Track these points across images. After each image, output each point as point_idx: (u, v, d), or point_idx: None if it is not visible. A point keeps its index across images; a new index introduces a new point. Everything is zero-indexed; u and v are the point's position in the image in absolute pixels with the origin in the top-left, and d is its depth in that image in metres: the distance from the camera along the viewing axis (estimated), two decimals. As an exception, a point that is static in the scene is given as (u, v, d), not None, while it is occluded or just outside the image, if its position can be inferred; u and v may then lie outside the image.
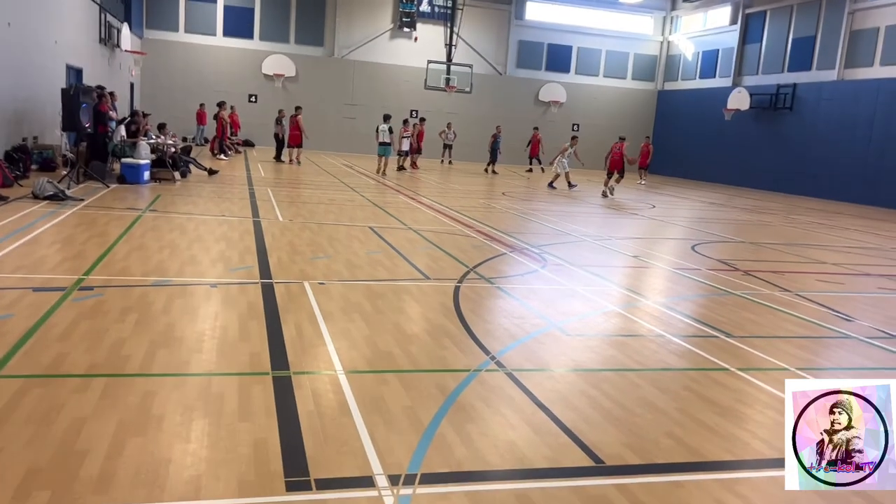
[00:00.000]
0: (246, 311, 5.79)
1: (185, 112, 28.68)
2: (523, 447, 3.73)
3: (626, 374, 5.04)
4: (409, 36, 32.67)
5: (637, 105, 36.13)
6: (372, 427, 3.79)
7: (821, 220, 18.28)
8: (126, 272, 6.82)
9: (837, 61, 26.01)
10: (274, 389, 4.21)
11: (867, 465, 2.31)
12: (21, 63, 14.86)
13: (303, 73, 31.80)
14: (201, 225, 9.84)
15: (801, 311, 7.43)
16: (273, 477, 3.21)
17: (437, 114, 32.04)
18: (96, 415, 3.68)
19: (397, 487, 3.21)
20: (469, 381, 4.61)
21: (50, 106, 16.06)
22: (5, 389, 3.90)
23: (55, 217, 9.50)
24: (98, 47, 21.71)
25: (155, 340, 4.91)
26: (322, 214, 11.94)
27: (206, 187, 14.51)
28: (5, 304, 5.48)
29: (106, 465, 3.18)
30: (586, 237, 11.77)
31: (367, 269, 7.83)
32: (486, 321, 6.17)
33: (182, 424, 3.66)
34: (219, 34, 30.98)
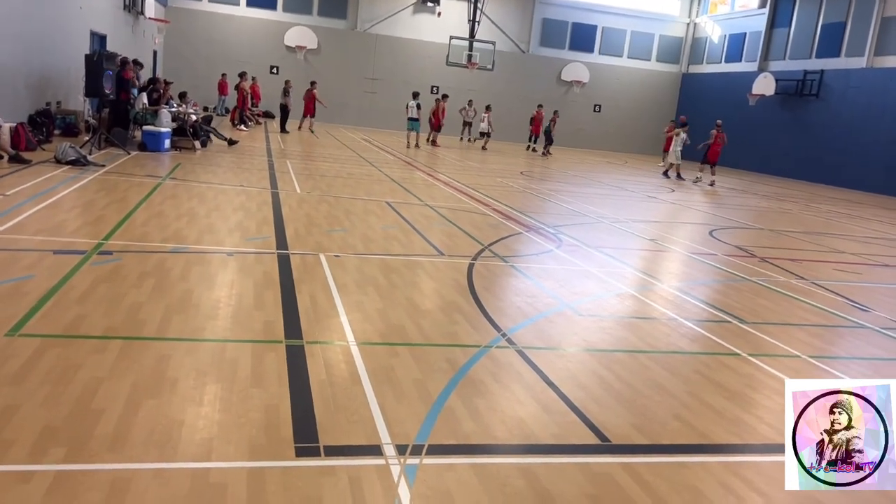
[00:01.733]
0: (261, 280, 5.85)
1: (206, 81, 28.74)
2: (531, 423, 3.76)
3: (636, 355, 5.05)
4: (432, 11, 32.41)
5: (661, 88, 35.72)
6: (382, 397, 3.84)
7: (842, 209, 18.06)
8: (145, 238, 6.89)
9: (867, 48, 25.50)
10: (287, 357, 4.27)
11: (867, 465, 2.31)
12: (46, 28, 14.94)
13: (325, 46, 31.69)
14: (220, 194, 9.91)
15: (817, 299, 7.39)
16: (283, 442, 3.27)
17: (458, 90, 31.87)
18: (112, 376, 3.75)
19: (404, 457, 3.25)
20: (479, 356, 4.65)
21: (73, 71, 16.15)
22: (25, 348, 3.98)
23: (76, 182, 9.61)
24: (122, 14, 21.76)
25: (171, 306, 4.98)
26: (339, 188, 11.97)
27: (225, 157, 14.58)
28: (26, 266, 5.58)
29: (120, 425, 3.25)
30: (603, 219, 11.73)
31: (383, 244, 7.86)
32: (498, 299, 6.19)
33: (195, 388, 3.72)
34: (242, 4, 30.91)
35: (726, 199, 17.72)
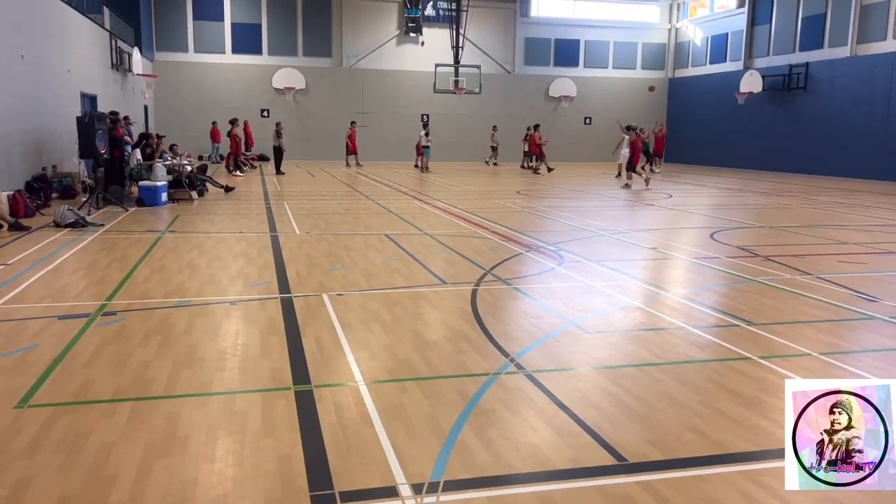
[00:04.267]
0: (266, 327, 5.85)
1: (199, 131, 29.04)
2: (545, 449, 3.74)
3: (646, 369, 5.03)
4: (415, 41, 32.78)
5: (649, 95, 35.91)
6: (394, 436, 3.82)
7: (841, 199, 18.05)
8: (147, 295, 6.92)
9: (849, 37, 25.68)
10: (296, 404, 4.26)
11: (867, 465, 2.30)
12: (36, 94, 15.14)
13: (312, 85, 32.03)
14: (220, 243, 9.95)
15: (824, 294, 7.36)
16: (298, 492, 3.25)
17: (447, 116, 32.13)
18: (124, 439, 3.75)
19: (421, 496, 3.23)
20: (489, 384, 4.63)
21: (66, 134, 16.33)
22: (35, 419, 3.98)
23: (77, 244, 9.67)
24: (110, 73, 22.04)
25: (178, 361, 4.98)
26: (338, 224, 12.02)
27: (223, 205, 14.67)
28: (31, 335, 5.59)
29: (135, 489, 3.24)
30: (603, 231, 11.74)
31: (384, 278, 7.88)
32: (504, 323, 6.19)
33: (207, 444, 3.71)
34: (228, 52, 31.32)
35: (724, 200, 17.72)
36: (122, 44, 23.32)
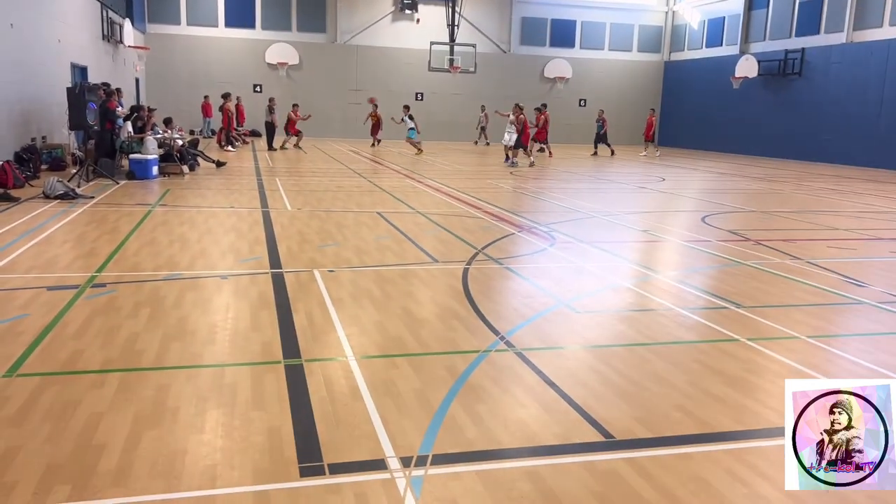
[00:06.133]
0: (257, 301, 5.85)
1: (190, 105, 28.75)
2: (533, 425, 3.77)
3: (635, 349, 5.06)
4: (410, 18, 32.46)
5: (644, 77, 35.82)
6: (383, 410, 3.84)
7: (833, 185, 18.12)
8: (138, 267, 6.89)
9: (846, 23, 25.62)
10: (286, 377, 4.27)
11: (867, 465, 2.31)
12: (26, 63, 14.94)
13: (306, 61, 31.72)
14: (211, 217, 9.90)
15: (813, 278, 7.40)
16: (287, 463, 3.27)
17: (441, 95, 31.96)
18: (112, 409, 3.75)
19: (409, 469, 3.25)
20: (479, 361, 4.65)
21: (56, 105, 16.13)
22: (24, 388, 3.97)
23: (66, 216, 9.60)
24: (101, 44, 21.76)
25: (168, 334, 4.97)
26: (330, 202, 11.97)
27: (214, 179, 14.58)
28: (21, 304, 5.57)
29: (123, 459, 3.25)
30: (595, 213, 11.75)
31: (376, 255, 7.87)
32: (494, 302, 6.20)
33: (196, 415, 3.72)
34: (221, 25, 30.93)
35: (717, 184, 17.75)
36: (113, 14, 23.00)
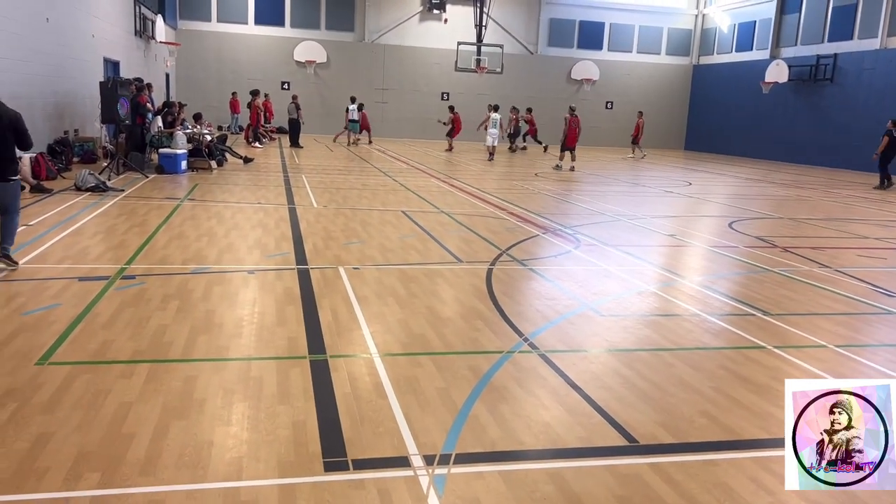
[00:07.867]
0: (283, 297, 5.90)
1: (219, 101, 29.05)
2: (556, 427, 3.76)
3: (660, 353, 5.03)
4: (438, 18, 32.49)
5: (672, 81, 35.51)
6: (407, 408, 3.86)
7: (863, 193, 17.83)
8: (166, 260, 6.98)
9: (880, 29, 25.18)
10: (311, 372, 4.31)
11: (867, 465, 2.30)
12: (60, 58, 15.20)
13: (334, 59, 31.89)
14: (238, 213, 10.01)
15: (841, 287, 7.31)
16: (312, 458, 3.30)
17: (467, 95, 31.93)
18: (141, 399, 3.81)
19: (432, 467, 3.27)
20: (502, 362, 4.66)
21: (89, 99, 16.41)
22: (55, 376, 4.05)
23: (97, 208, 9.75)
24: (134, 40, 22.07)
25: (196, 326, 5.04)
26: (355, 199, 12.04)
27: (241, 175, 14.72)
28: (52, 294, 5.67)
29: (151, 448, 3.30)
30: (621, 217, 11.68)
31: (401, 254, 7.90)
32: (518, 303, 6.20)
33: (223, 408, 3.77)
34: (250, 22, 31.20)
35: (744, 190, 17.56)
36: (145, 11, 23.32)
